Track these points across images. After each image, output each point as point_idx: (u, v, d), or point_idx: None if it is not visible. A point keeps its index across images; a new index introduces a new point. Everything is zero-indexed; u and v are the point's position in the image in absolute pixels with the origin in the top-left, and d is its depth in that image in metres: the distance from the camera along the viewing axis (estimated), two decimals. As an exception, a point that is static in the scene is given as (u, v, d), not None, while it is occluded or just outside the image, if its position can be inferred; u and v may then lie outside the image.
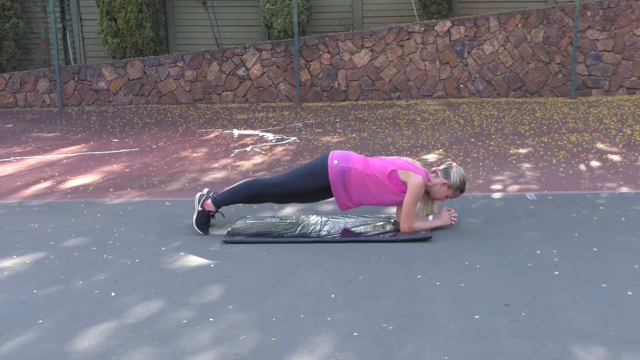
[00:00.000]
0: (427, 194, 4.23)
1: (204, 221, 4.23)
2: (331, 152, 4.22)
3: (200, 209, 4.21)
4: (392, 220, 4.41)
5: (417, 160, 6.31)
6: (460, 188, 4.18)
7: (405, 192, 4.10)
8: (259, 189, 4.23)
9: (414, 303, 3.12)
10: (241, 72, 10.97)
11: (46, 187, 5.69)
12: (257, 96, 11.00)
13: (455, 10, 11.61)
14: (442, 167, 4.22)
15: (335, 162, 4.11)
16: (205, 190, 4.48)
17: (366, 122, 8.71)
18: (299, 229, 4.26)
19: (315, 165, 4.17)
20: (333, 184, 4.10)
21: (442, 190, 4.17)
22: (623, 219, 4.35)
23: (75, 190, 5.57)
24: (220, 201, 4.24)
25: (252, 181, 4.28)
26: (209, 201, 4.23)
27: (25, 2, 12.29)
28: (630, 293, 3.18)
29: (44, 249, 4.00)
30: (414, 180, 4.05)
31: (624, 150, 6.57)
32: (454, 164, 4.21)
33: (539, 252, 3.77)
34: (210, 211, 4.25)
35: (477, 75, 10.69)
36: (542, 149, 6.72)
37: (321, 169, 4.13)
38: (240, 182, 4.33)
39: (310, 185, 4.18)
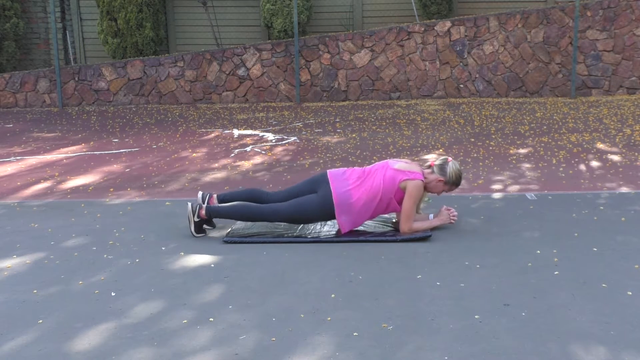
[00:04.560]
0: (424, 189, 4.23)
1: (202, 226, 4.23)
2: (330, 186, 4.12)
3: (197, 219, 4.19)
4: (393, 220, 4.41)
5: (417, 160, 6.31)
6: (456, 183, 4.21)
7: (401, 198, 4.11)
8: (253, 218, 4.22)
9: (414, 303, 3.12)
10: (241, 72, 10.97)
11: (46, 187, 5.69)
12: (257, 96, 11.00)
13: (455, 10, 11.61)
14: (437, 162, 4.22)
15: (337, 195, 4.07)
16: (200, 195, 4.44)
17: (366, 122, 8.71)
18: (299, 229, 4.26)
19: (317, 199, 4.12)
20: (338, 216, 4.11)
21: (439, 186, 4.19)
22: (623, 219, 4.35)
23: (75, 190, 5.57)
24: (214, 214, 4.23)
25: (248, 208, 4.21)
26: (204, 211, 4.21)
27: (25, 2, 12.29)
28: (630, 293, 3.18)
29: (44, 249, 4.00)
30: (414, 184, 4.06)
31: (624, 150, 6.57)
32: (450, 158, 4.22)
33: (539, 252, 3.77)
34: (207, 218, 4.25)
35: (477, 75, 10.69)
36: (542, 149, 6.72)
37: (326, 209, 4.10)
38: (235, 204, 4.26)
39: (310, 216, 4.17)
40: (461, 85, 10.74)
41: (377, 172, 4.15)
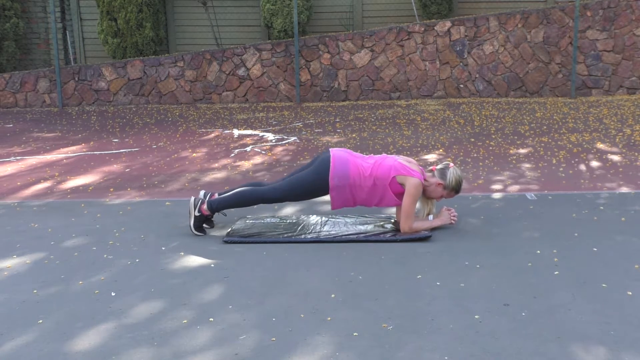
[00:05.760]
0: (424, 193, 4.24)
1: (201, 224, 4.24)
2: (330, 162, 4.14)
3: (197, 214, 4.20)
4: (392, 220, 4.41)
5: (417, 160, 6.31)
6: (455, 189, 4.19)
7: (401, 194, 4.12)
8: (254, 200, 4.25)
9: (414, 303, 3.12)
10: (241, 72, 10.97)
11: (46, 187, 5.69)
12: (257, 96, 11.00)
13: (455, 10, 11.61)
14: (439, 166, 4.22)
15: (336, 180, 4.11)
16: (202, 193, 4.47)
17: (366, 122, 8.71)
18: (299, 229, 4.26)
19: (315, 180, 4.15)
20: (332, 200, 4.17)
21: (438, 190, 4.18)
22: (623, 219, 4.35)
23: (75, 190, 5.57)
24: (216, 208, 4.24)
25: (247, 192, 4.25)
26: (205, 206, 4.22)
27: (25, 2, 12.29)
28: (630, 293, 3.18)
29: (44, 249, 4.00)
30: (412, 182, 4.07)
31: (624, 150, 6.57)
32: (452, 164, 4.22)
33: (539, 252, 3.77)
34: (208, 215, 4.25)
35: (477, 75, 10.69)
36: (542, 149, 6.72)
37: (321, 184, 4.15)
38: (236, 191, 4.29)
39: (308, 195, 4.25)
40: (461, 85, 10.74)
41: (379, 158, 4.21)
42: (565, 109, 9.34)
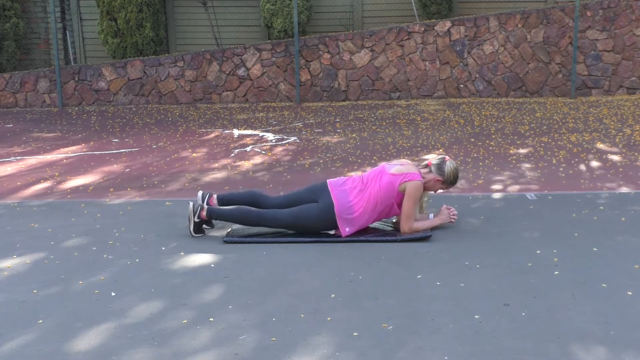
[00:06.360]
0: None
1: (201, 226, 4.23)
2: (332, 197, 4.10)
3: (197, 220, 4.19)
4: (393, 220, 4.42)
5: (417, 160, 6.31)
6: (453, 182, 4.24)
7: (401, 199, 4.12)
8: (255, 222, 4.20)
9: (414, 303, 3.12)
10: (241, 72, 10.97)
11: (46, 187, 5.69)
12: (257, 96, 11.00)
13: (455, 10, 11.61)
14: (435, 161, 4.22)
15: (344, 226, 4.08)
16: (200, 195, 4.44)
17: (366, 122, 8.71)
18: (299, 229, 4.27)
19: (320, 223, 4.11)
20: (340, 227, 4.11)
21: (436, 185, 4.22)
22: (623, 219, 4.35)
23: (75, 190, 5.57)
24: (216, 218, 4.22)
25: (248, 212, 4.20)
26: (205, 213, 4.20)
27: (25, 2, 12.30)
28: (630, 293, 3.18)
29: (44, 249, 4.00)
30: (412, 184, 4.07)
31: (624, 150, 6.57)
32: (447, 157, 4.23)
33: (539, 252, 3.77)
34: (206, 219, 4.24)
35: (477, 75, 10.69)
36: (542, 149, 6.72)
37: (327, 225, 4.11)
38: (239, 208, 4.25)
39: (311, 225, 4.16)
40: (461, 85, 10.74)
41: (374, 180, 4.13)
42: (565, 109, 9.34)
